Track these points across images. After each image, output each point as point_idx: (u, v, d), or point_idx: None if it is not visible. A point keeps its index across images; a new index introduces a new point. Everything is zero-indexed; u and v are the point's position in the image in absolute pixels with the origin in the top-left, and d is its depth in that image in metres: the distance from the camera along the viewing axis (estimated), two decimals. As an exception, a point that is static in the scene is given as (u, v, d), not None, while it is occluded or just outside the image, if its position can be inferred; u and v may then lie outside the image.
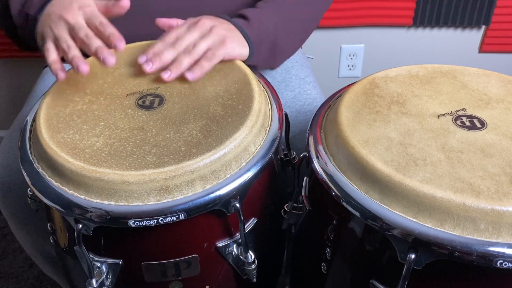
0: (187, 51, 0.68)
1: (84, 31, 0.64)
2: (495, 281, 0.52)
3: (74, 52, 0.63)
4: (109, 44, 0.63)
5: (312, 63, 1.04)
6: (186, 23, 0.71)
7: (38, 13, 0.69)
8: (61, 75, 0.64)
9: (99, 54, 0.62)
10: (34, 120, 0.65)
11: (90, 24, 0.66)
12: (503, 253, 0.47)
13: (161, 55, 0.67)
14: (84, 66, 0.62)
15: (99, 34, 0.65)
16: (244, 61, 0.73)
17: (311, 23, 0.89)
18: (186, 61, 0.67)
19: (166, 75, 0.67)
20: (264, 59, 0.79)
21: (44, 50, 0.66)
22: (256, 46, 0.75)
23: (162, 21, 0.73)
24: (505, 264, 0.46)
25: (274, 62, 0.84)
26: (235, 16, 0.78)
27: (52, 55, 0.65)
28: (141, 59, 0.67)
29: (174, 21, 0.73)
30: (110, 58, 0.61)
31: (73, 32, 0.65)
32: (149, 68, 0.67)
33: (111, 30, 0.64)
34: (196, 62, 0.68)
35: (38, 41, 0.70)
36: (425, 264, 0.50)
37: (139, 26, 0.77)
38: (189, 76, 0.67)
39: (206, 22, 0.71)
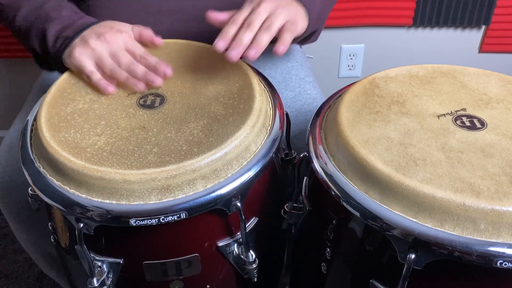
0: (264, 28, 0.65)
1: (129, 58, 0.67)
2: (495, 281, 0.52)
3: (125, 73, 0.66)
4: (156, 73, 0.66)
5: (312, 63, 1.04)
6: (247, 7, 0.68)
7: (76, 34, 0.69)
8: (111, 89, 0.66)
9: (149, 77, 0.65)
10: (35, 119, 0.65)
11: (130, 52, 0.68)
12: (503, 253, 0.47)
13: (239, 38, 0.64)
14: (141, 85, 0.66)
15: (143, 62, 0.67)
16: (303, 34, 0.72)
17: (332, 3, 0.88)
18: (266, 39, 0.65)
19: (252, 53, 0.64)
20: (314, 26, 0.77)
21: (85, 71, 0.67)
22: (311, 14, 0.73)
23: (212, 16, 0.70)
24: (505, 264, 0.47)
25: (317, 36, 0.84)
26: None
27: (96, 75, 0.66)
28: (219, 46, 0.64)
29: (225, 15, 0.70)
30: (158, 79, 0.66)
31: (114, 56, 0.67)
32: (235, 56, 0.63)
33: (156, 59, 0.67)
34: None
35: (67, 57, 0.69)
36: (425, 264, 0.50)
37: (147, 25, 0.77)
38: (280, 50, 0.64)
39: (269, 2, 0.68)
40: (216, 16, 0.69)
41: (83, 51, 0.67)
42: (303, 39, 0.78)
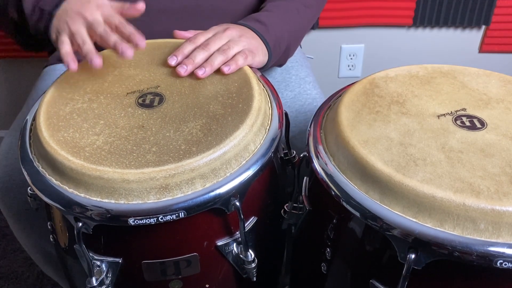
0: (219, 51, 0.69)
1: (103, 27, 0.66)
2: (495, 281, 0.52)
3: (88, 46, 0.65)
4: (130, 42, 0.65)
5: (312, 63, 1.04)
6: (212, 29, 0.73)
7: (54, 8, 0.70)
8: (73, 65, 0.65)
9: (117, 46, 0.64)
10: (34, 119, 0.65)
11: (107, 22, 0.67)
12: (503, 253, 0.47)
13: (193, 57, 0.68)
14: (97, 59, 0.64)
15: (119, 32, 0.66)
16: (263, 66, 0.75)
17: (312, 20, 0.90)
18: (219, 60, 0.68)
19: (200, 72, 0.67)
20: (276, 60, 0.81)
21: (58, 42, 0.67)
22: (273, 53, 0.77)
23: (179, 35, 0.74)
24: (505, 264, 0.46)
25: (283, 61, 0.87)
26: (250, 19, 0.79)
27: (66, 47, 0.66)
28: (172, 61, 0.69)
29: (189, 33, 0.74)
30: (129, 50, 0.63)
31: (90, 29, 0.66)
32: (183, 71, 0.68)
33: (130, 29, 0.66)
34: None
35: (52, 36, 0.70)
36: (425, 264, 0.50)
37: (142, 25, 0.77)
38: (225, 69, 0.68)
39: (234, 30, 0.72)
40: (182, 34, 0.74)
41: (61, 28, 0.68)
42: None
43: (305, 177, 0.66)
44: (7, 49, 1.46)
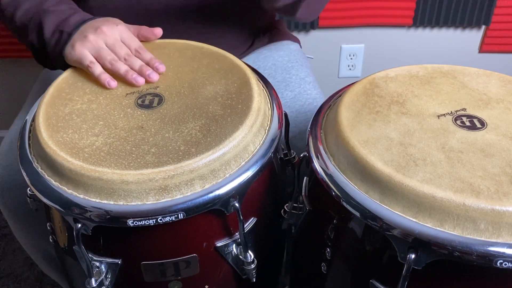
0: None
1: (126, 50, 0.67)
2: (495, 281, 0.51)
3: (124, 66, 0.67)
4: (150, 67, 0.67)
5: (312, 63, 1.04)
6: None
7: (74, 30, 0.70)
8: (114, 84, 0.66)
9: (144, 71, 0.66)
10: (33, 119, 0.65)
11: (126, 44, 0.69)
12: (503, 253, 0.47)
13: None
14: (141, 79, 0.66)
15: (138, 56, 0.68)
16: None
17: None
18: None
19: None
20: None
21: (85, 62, 0.67)
22: None
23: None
24: (505, 264, 0.46)
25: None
26: None
27: (98, 67, 0.67)
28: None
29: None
30: (155, 75, 0.67)
31: (112, 48, 0.67)
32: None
33: (151, 55, 0.68)
34: None
35: (68, 51, 0.70)
36: (425, 264, 0.50)
37: (139, 23, 0.77)
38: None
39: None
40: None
41: (82, 44, 0.68)
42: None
43: (305, 177, 0.66)
44: (7, 49, 1.46)
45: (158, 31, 0.71)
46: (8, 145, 0.84)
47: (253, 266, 0.62)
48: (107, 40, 0.68)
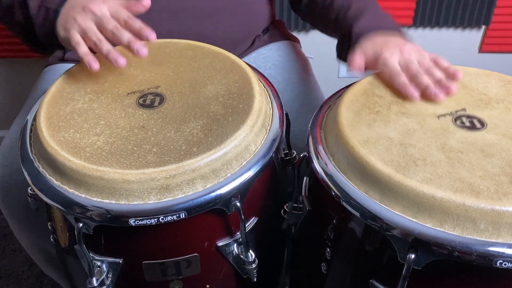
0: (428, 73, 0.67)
1: (113, 23, 0.65)
2: (495, 281, 0.52)
3: (108, 46, 0.64)
4: (140, 37, 0.64)
5: (312, 63, 1.04)
6: (393, 54, 0.69)
7: (59, 6, 0.69)
8: (95, 65, 0.64)
9: (132, 45, 0.63)
10: (34, 119, 0.65)
11: (115, 17, 0.66)
12: (503, 253, 0.47)
13: (421, 81, 0.66)
14: (122, 59, 0.63)
15: (128, 27, 0.65)
16: None
17: None
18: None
19: (437, 94, 0.65)
20: None
21: (72, 42, 0.66)
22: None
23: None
24: (505, 264, 0.47)
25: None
26: (384, 25, 0.76)
27: (83, 48, 0.65)
28: (414, 94, 0.65)
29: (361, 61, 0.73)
30: (143, 49, 0.63)
31: (100, 25, 0.65)
32: (441, 96, 0.64)
33: (140, 23, 0.65)
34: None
35: (60, 33, 0.69)
36: (425, 264, 0.50)
37: (148, 25, 0.77)
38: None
39: (411, 45, 0.70)
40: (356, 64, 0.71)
41: (71, 25, 0.67)
42: None
43: (305, 177, 0.66)
44: (7, 49, 1.46)
45: (146, 1, 0.68)
46: (8, 145, 0.84)
47: (254, 265, 0.63)
48: (95, 18, 0.66)
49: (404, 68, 0.66)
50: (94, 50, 0.66)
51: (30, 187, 0.62)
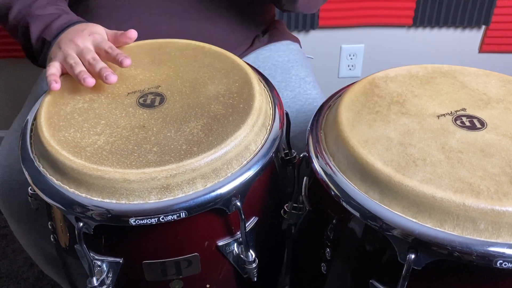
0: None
1: (91, 55, 0.68)
2: (495, 281, 0.52)
3: (81, 68, 0.67)
4: (116, 62, 0.67)
5: (312, 63, 1.04)
6: None
7: (53, 39, 0.73)
8: (55, 85, 0.66)
9: (102, 72, 0.65)
10: (35, 118, 0.65)
11: (98, 49, 0.69)
12: (503, 253, 0.47)
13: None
14: (90, 80, 0.65)
15: (107, 58, 0.68)
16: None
17: None
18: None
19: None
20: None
21: (47, 65, 0.69)
22: None
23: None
24: (505, 264, 0.47)
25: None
26: None
27: (52, 69, 0.68)
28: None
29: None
30: (113, 76, 0.65)
31: (80, 55, 0.68)
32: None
33: (118, 51, 0.68)
34: None
35: (47, 63, 0.72)
36: (425, 264, 0.50)
37: (141, 27, 0.77)
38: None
39: None
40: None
41: (56, 55, 0.71)
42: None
43: (305, 177, 0.66)
44: (7, 49, 1.46)
45: (132, 33, 0.72)
46: (8, 145, 0.84)
47: (254, 265, 0.63)
48: (77, 49, 0.70)
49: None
50: (69, 72, 0.69)
51: (30, 187, 0.62)
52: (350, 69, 1.55)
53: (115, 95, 0.66)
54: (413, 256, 0.50)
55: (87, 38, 0.70)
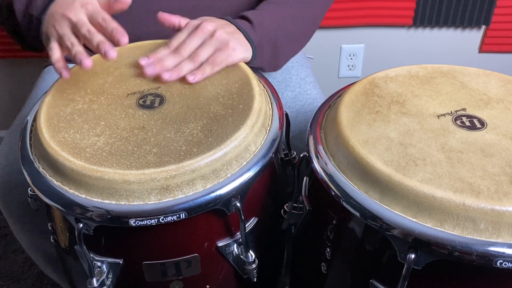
0: (190, 58, 0.68)
1: (86, 27, 0.65)
2: (495, 281, 0.52)
3: (77, 48, 0.64)
4: (112, 40, 0.64)
5: (312, 63, 1.04)
6: (187, 28, 0.71)
7: (41, 13, 0.70)
8: (65, 73, 0.65)
9: (100, 47, 0.62)
10: (34, 119, 0.65)
11: (92, 20, 0.66)
12: (503, 253, 0.47)
13: (163, 61, 0.68)
14: (87, 60, 0.63)
15: (102, 30, 0.65)
16: (247, 63, 0.73)
17: (312, 24, 0.88)
18: (187, 68, 0.68)
19: (167, 75, 0.67)
20: (266, 61, 0.78)
21: (48, 49, 0.67)
22: (259, 49, 0.74)
23: (163, 17, 0.73)
24: (505, 264, 0.47)
25: (276, 65, 0.83)
26: (237, 17, 0.77)
27: (55, 54, 0.66)
28: (143, 61, 0.68)
29: (175, 18, 0.73)
30: (112, 51, 0.62)
31: (75, 29, 0.66)
32: (150, 71, 0.67)
33: (113, 25, 0.65)
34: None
35: (44, 41, 0.71)
36: (425, 264, 0.50)
37: (140, 25, 0.77)
38: (190, 78, 0.67)
39: (208, 26, 0.70)
40: (167, 18, 0.73)
41: (51, 33, 0.68)
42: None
43: (305, 177, 0.66)
44: (7, 49, 1.46)
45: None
46: (8, 146, 0.84)
47: (254, 266, 0.63)
48: (71, 25, 0.67)
49: None
50: (69, 56, 0.66)
51: (30, 188, 0.62)
52: (350, 69, 1.55)
53: (115, 96, 0.66)
54: (413, 256, 0.50)
55: (79, 10, 0.67)
